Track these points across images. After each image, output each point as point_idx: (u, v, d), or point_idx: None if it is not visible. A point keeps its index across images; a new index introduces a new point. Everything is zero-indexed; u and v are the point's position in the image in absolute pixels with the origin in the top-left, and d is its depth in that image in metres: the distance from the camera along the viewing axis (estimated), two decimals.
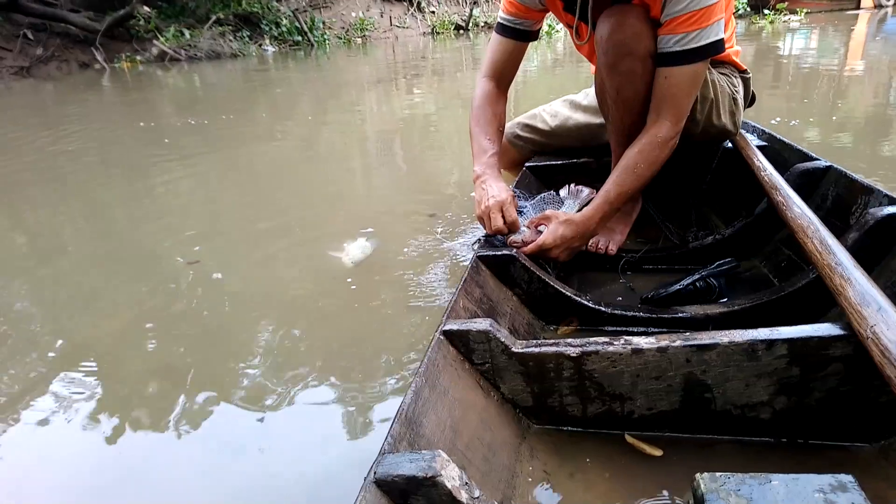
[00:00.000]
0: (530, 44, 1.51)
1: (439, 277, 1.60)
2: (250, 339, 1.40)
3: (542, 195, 1.43)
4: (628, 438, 0.90)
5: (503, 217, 1.25)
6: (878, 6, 12.20)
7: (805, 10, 11.57)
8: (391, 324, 1.41)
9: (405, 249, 1.78)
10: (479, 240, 1.35)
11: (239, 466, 1.01)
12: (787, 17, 11.15)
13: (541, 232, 1.26)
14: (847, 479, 0.56)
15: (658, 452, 0.88)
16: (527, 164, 1.80)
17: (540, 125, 1.86)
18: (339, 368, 1.25)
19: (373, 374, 1.22)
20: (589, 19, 1.32)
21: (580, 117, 1.79)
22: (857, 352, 0.77)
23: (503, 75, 1.50)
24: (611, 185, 1.26)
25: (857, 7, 12.23)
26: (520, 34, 1.45)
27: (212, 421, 1.13)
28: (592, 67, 1.56)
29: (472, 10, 13.89)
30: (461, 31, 13.60)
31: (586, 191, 1.44)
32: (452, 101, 4.87)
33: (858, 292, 0.79)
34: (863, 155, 2.44)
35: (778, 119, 3.07)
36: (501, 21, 1.46)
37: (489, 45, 1.52)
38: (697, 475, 0.58)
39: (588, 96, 1.77)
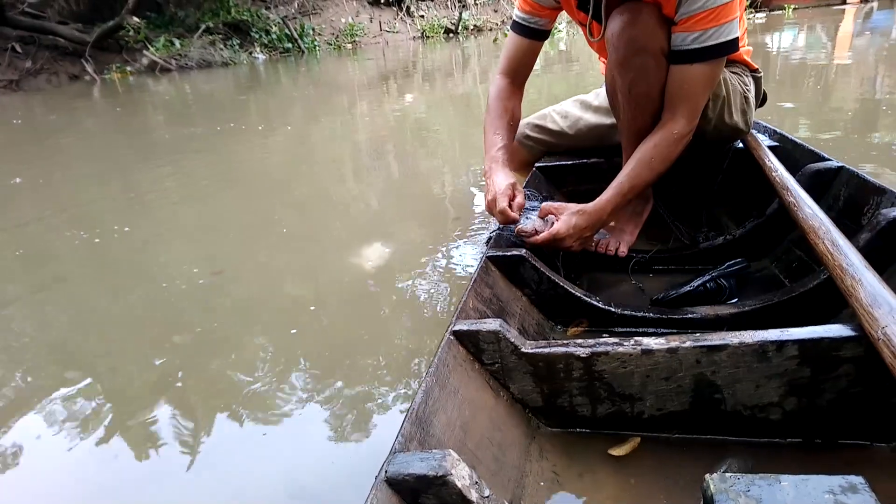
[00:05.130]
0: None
1: (454, 279, 1.60)
2: (265, 341, 1.42)
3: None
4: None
5: (508, 204, 1.27)
6: (864, 0, 12.21)
7: (793, 7, 11.62)
8: (402, 323, 1.42)
9: (420, 252, 1.79)
10: (492, 236, 1.36)
11: (249, 465, 1.02)
12: (751, 15, 11.04)
13: (549, 223, 1.26)
14: (858, 480, 0.56)
15: (620, 452, 0.88)
16: (536, 165, 1.80)
17: (550, 125, 1.86)
18: (351, 368, 1.26)
19: (384, 374, 1.23)
20: (602, 17, 1.32)
21: (591, 118, 1.78)
22: (869, 353, 0.76)
23: (518, 72, 1.52)
24: (624, 178, 1.26)
25: (843, 2, 12.29)
26: (534, 33, 1.47)
27: (222, 420, 1.14)
28: (602, 67, 1.56)
29: (461, 14, 13.82)
30: (451, 35, 13.54)
31: None
32: (449, 104, 4.87)
33: (870, 293, 0.78)
34: (855, 146, 2.42)
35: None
36: (516, 19, 1.48)
37: (505, 43, 1.54)
38: (707, 476, 0.59)
39: (599, 97, 1.77)
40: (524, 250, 1.22)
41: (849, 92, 3.68)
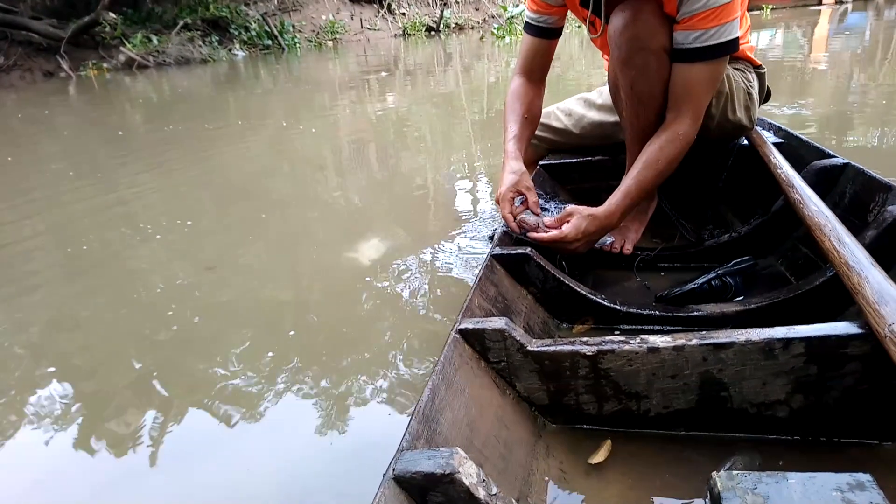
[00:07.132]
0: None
1: (454, 275, 1.61)
2: (266, 338, 1.42)
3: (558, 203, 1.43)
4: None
5: (517, 198, 1.29)
6: (839, 2, 12.52)
7: (771, 7, 11.73)
8: (406, 322, 1.42)
9: (419, 248, 1.79)
10: (495, 234, 1.36)
11: (259, 463, 1.03)
12: None
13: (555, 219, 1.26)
14: (865, 477, 0.56)
15: (600, 458, 0.88)
16: (541, 163, 1.81)
17: (555, 123, 1.86)
18: (357, 366, 1.26)
19: (389, 372, 1.23)
20: (602, 14, 1.32)
21: (594, 115, 1.78)
22: (876, 350, 0.76)
23: (533, 71, 1.54)
24: (631, 181, 1.26)
25: (819, 3, 12.55)
26: (544, 32, 1.48)
27: (225, 421, 1.15)
28: (606, 63, 1.56)
29: (442, 12, 13.74)
30: (432, 33, 13.47)
31: None
32: (432, 102, 4.86)
33: (876, 290, 0.78)
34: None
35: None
36: (527, 20, 1.50)
37: (520, 44, 1.57)
38: (714, 473, 0.59)
39: (602, 95, 1.77)
40: (529, 248, 1.22)
41: (826, 90, 3.69)
